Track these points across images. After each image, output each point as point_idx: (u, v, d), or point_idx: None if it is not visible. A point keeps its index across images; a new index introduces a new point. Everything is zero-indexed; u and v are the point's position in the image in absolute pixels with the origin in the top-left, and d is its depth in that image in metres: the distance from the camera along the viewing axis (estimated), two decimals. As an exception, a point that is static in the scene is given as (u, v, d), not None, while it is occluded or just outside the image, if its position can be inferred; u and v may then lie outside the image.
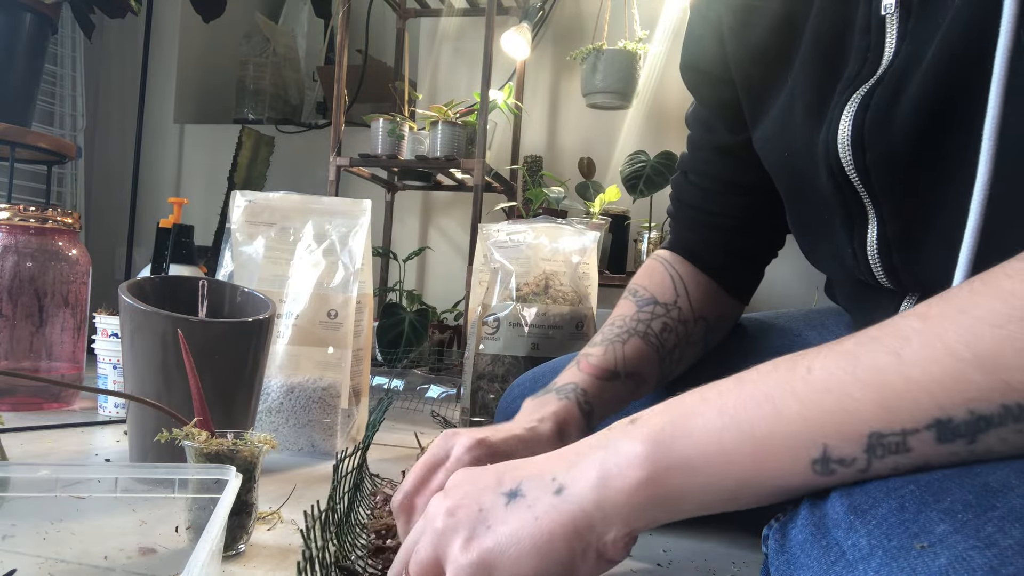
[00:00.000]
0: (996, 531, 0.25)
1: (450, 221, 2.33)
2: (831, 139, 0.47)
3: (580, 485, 0.36)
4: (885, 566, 0.27)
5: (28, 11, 1.75)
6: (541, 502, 0.36)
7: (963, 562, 0.25)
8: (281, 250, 1.00)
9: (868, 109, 0.45)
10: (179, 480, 0.55)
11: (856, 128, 0.45)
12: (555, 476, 0.37)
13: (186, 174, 2.59)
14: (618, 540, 0.36)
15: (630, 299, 0.70)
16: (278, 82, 2.60)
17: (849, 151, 0.46)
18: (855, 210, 0.49)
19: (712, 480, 0.33)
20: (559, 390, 0.60)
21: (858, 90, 0.46)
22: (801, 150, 0.52)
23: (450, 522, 0.38)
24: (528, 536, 0.35)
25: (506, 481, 0.39)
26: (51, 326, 1.21)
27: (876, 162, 0.45)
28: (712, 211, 0.70)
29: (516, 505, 0.37)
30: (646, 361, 0.65)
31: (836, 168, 0.47)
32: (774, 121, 0.55)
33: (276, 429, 0.96)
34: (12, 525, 0.60)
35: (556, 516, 0.35)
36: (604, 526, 0.35)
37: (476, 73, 1.93)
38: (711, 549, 0.68)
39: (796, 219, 0.60)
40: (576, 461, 0.37)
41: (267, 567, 0.57)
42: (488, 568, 0.36)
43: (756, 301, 0.75)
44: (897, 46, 0.44)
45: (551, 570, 0.35)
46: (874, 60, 0.46)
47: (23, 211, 1.19)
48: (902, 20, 0.44)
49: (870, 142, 0.45)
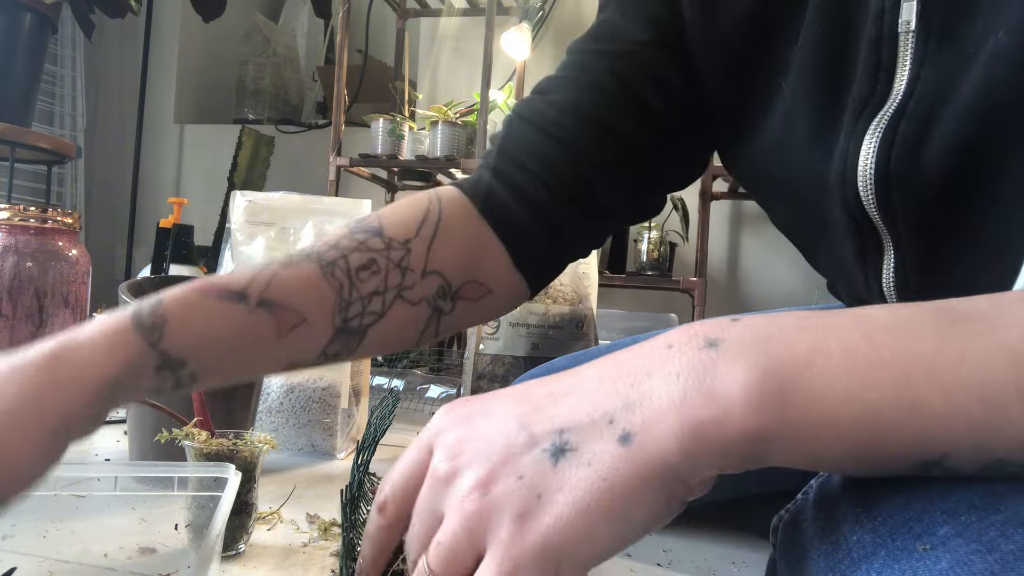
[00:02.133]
0: (998, 536, 0.25)
1: (450, 221, 2.32)
2: (849, 174, 0.42)
3: (656, 433, 0.27)
4: (887, 567, 0.26)
5: (28, 11, 1.74)
6: (603, 457, 0.28)
7: (964, 566, 0.24)
8: (281, 250, 1.00)
9: (894, 145, 0.40)
10: (179, 479, 0.55)
11: (880, 165, 0.41)
12: (612, 418, 0.28)
13: (186, 174, 2.59)
14: (706, 481, 0.28)
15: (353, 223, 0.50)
16: (278, 82, 2.60)
17: (872, 190, 0.42)
18: (870, 243, 0.45)
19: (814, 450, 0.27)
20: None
21: (875, 118, 0.41)
22: (806, 175, 0.47)
23: (487, 502, 0.28)
24: (598, 503, 0.27)
25: (539, 433, 0.29)
26: (51, 326, 1.21)
27: (904, 202, 0.41)
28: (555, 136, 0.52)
29: (569, 464, 0.28)
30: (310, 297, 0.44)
31: (853, 204, 0.43)
32: (769, 133, 0.50)
33: (276, 429, 0.96)
34: (12, 524, 0.60)
35: (630, 472, 0.27)
36: (691, 475, 0.28)
37: (476, 73, 1.92)
38: (711, 549, 0.68)
39: (794, 232, 0.56)
40: (633, 394, 0.28)
41: (267, 567, 0.57)
42: (555, 552, 0.28)
43: (756, 301, 0.75)
44: (915, 70, 0.40)
45: (630, 535, 0.28)
46: (886, 81, 0.41)
47: (23, 211, 1.19)
48: (920, 41, 0.40)
49: (898, 182, 0.41)
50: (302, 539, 0.64)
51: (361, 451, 0.65)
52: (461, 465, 0.30)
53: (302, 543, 0.63)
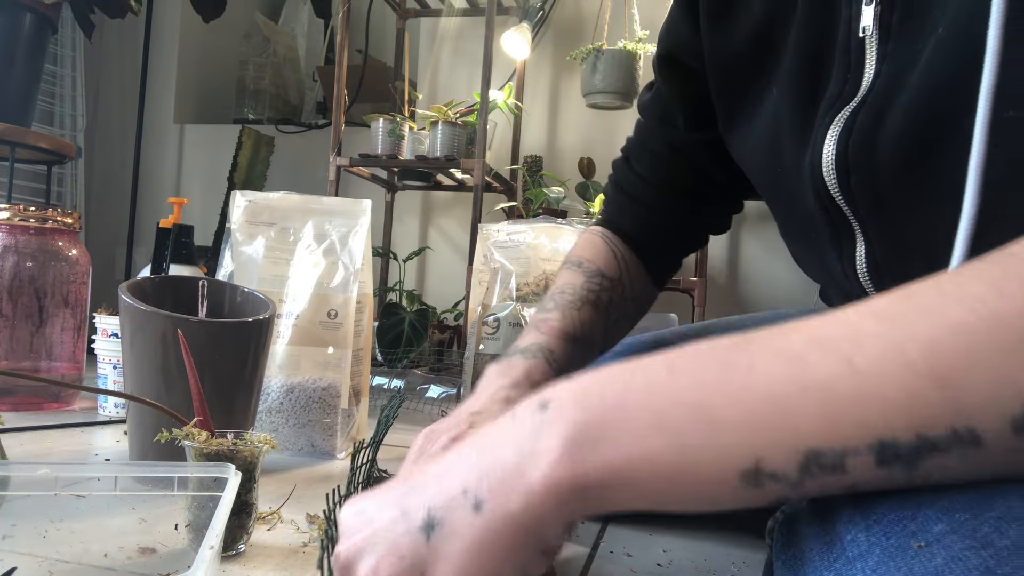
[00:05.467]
0: (992, 531, 0.25)
1: (450, 221, 2.33)
2: (816, 161, 0.47)
3: (499, 499, 0.31)
4: (882, 564, 0.27)
5: (28, 11, 1.75)
6: (463, 526, 0.31)
7: (959, 562, 0.25)
8: (281, 250, 1.00)
9: (852, 132, 0.44)
10: (178, 479, 0.55)
11: (840, 152, 0.45)
12: (466, 489, 0.32)
13: (186, 174, 2.59)
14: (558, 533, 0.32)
15: (575, 270, 0.68)
16: (278, 82, 2.60)
17: (834, 174, 0.46)
18: (843, 230, 0.48)
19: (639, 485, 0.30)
20: (524, 351, 0.58)
21: (840, 112, 0.45)
22: (789, 168, 0.51)
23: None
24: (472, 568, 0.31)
25: (412, 510, 0.33)
26: (51, 326, 1.21)
27: (861, 185, 0.45)
28: (650, 206, 0.71)
29: (438, 537, 0.32)
30: (596, 328, 0.64)
31: (822, 191, 0.47)
32: (762, 133, 0.55)
33: (276, 429, 0.96)
34: (12, 524, 0.60)
35: (488, 537, 0.31)
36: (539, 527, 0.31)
37: (476, 73, 1.93)
38: (711, 549, 0.68)
39: (785, 230, 0.60)
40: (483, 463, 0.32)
41: (267, 567, 0.57)
42: None
43: (757, 301, 0.77)
44: (877, 67, 0.44)
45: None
46: (854, 81, 0.45)
47: (23, 211, 1.19)
48: (881, 42, 0.43)
49: (854, 165, 0.45)
50: (302, 539, 0.64)
51: (362, 451, 0.65)
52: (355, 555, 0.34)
53: (302, 543, 0.63)
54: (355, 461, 0.65)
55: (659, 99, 0.70)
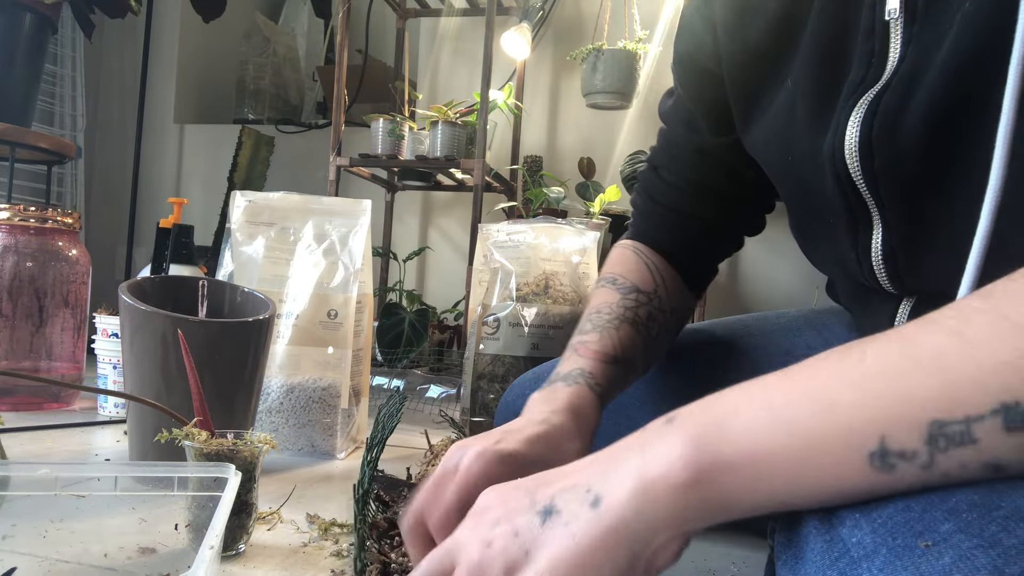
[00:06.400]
0: (1000, 530, 0.25)
1: (450, 221, 2.32)
2: (838, 145, 0.47)
3: (617, 494, 0.33)
4: (889, 564, 0.26)
5: (28, 11, 1.74)
6: (578, 518, 0.33)
7: (967, 561, 0.24)
8: (281, 250, 1.00)
9: (876, 115, 0.44)
10: (178, 479, 0.55)
11: (864, 134, 0.45)
12: (590, 487, 0.34)
13: (186, 174, 2.59)
14: (667, 546, 0.33)
15: (610, 287, 0.68)
16: (278, 82, 2.60)
17: (857, 158, 0.46)
18: (860, 216, 0.49)
19: (760, 481, 0.30)
20: (565, 377, 0.58)
21: (864, 96, 0.46)
22: (804, 155, 0.51)
23: (488, 553, 0.35)
24: (569, 558, 0.33)
25: (539, 498, 0.36)
26: (51, 326, 1.21)
27: (884, 169, 0.45)
28: (683, 211, 0.70)
29: (552, 524, 0.34)
30: (636, 347, 0.64)
31: (843, 175, 0.47)
32: (773, 124, 0.55)
33: (276, 429, 0.96)
34: (12, 524, 0.60)
35: (595, 531, 0.32)
36: (649, 534, 0.32)
37: (476, 73, 1.92)
38: (711, 549, 0.68)
39: (797, 221, 0.60)
40: (611, 467, 0.34)
41: (267, 567, 0.57)
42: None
43: (757, 301, 0.76)
44: (902, 51, 0.44)
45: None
46: (879, 65, 0.45)
47: (23, 211, 1.19)
48: (907, 25, 0.44)
49: (878, 149, 0.45)
50: (302, 539, 0.64)
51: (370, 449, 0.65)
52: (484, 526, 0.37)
53: (302, 543, 0.63)
54: (365, 459, 0.65)
55: (680, 104, 0.69)
